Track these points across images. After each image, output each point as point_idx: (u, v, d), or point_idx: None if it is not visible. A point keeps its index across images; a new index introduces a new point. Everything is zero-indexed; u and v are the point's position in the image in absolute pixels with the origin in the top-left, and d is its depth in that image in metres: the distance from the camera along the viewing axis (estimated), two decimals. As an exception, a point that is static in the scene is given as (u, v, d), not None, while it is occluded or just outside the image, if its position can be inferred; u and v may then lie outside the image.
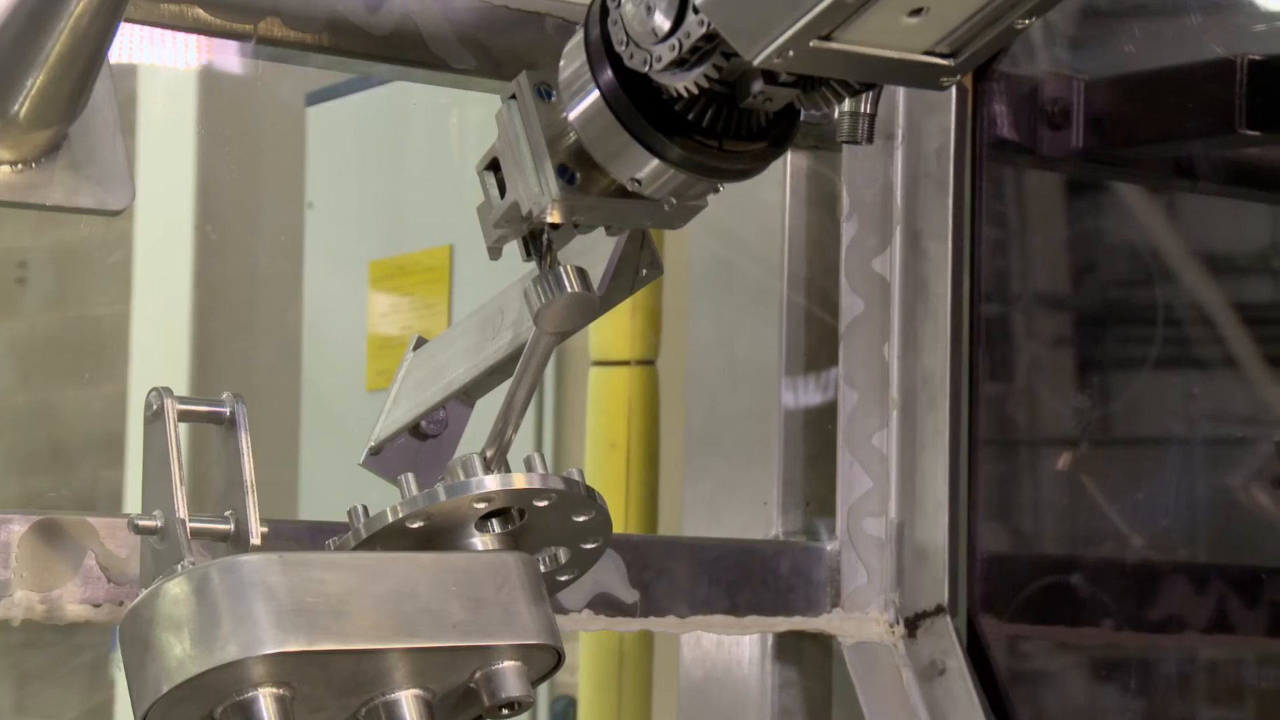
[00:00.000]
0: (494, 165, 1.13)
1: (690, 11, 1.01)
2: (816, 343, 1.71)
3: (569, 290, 1.13)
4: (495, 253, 1.16)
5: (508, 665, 1.14)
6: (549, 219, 1.11)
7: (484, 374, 1.29)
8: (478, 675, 1.14)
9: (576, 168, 1.11)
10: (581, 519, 1.20)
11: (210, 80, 3.29)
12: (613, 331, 2.44)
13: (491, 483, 1.15)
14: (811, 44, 0.96)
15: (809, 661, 1.70)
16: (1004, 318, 1.87)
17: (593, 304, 1.15)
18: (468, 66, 1.44)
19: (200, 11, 1.36)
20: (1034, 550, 1.91)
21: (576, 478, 1.19)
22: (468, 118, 3.19)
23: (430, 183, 3.27)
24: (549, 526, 1.20)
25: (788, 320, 1.71)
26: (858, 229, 1.69)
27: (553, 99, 1.10)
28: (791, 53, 0.96)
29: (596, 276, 1.27)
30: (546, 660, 1.16)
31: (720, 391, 1.76)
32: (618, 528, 1.23)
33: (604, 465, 2.44)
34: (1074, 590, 1.84)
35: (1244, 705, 1.97)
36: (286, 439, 3.43)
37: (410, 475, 1.16)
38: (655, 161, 1.07)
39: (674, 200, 1.11)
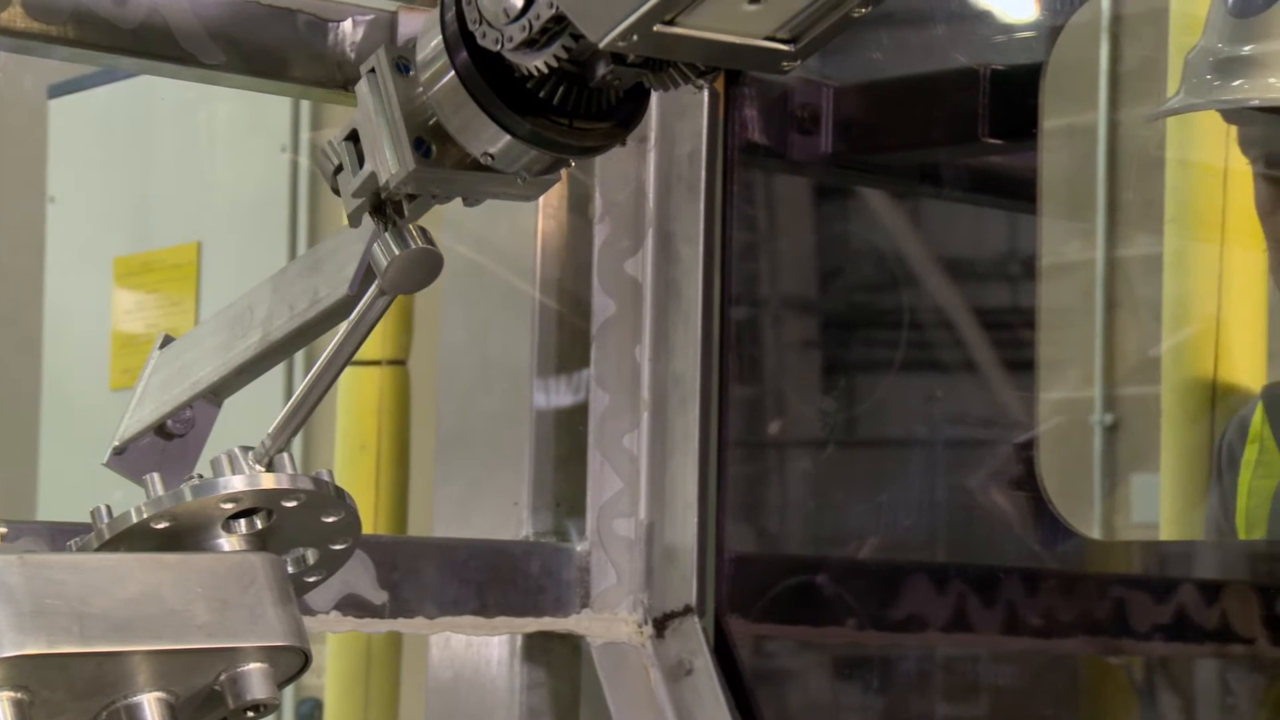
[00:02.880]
0: (353, 136, 1.15)
1: None
2: (568, 344, 1.71)
3: (414, 246, 1.15)
4: (355, 219, 1.17)
5: (253, 667, 1.13)
6: (406, 190, 1.13)
7: (232, 373, 1.28)
8: (223, 677, 1.12)
9: (432, 141, 1.13)
10: (330, 519, 1.19)
11: (-52, 70, 3.21)
12: (363, 331, 2.42)
13: (238, 483, 1.14)
14: (655, 28, 0.99)
15: (557, 662, 1.70)
16: (753, 321, 1.89)
17: (438, 260, 1.17)
18: (217, 62, 1.43)
19: (-61, -1, 1.32)
20: (781, 551, 1.94)
21: (326, 478, 1.18)
22: (216, 113, 3.15)
23: (178, 178, 3.22)
24: (297, 527, 1.19)
25: (539, 322, 1.71)
26: (610, 231, 1.69)
27: (410, 74, 1.13)
28: (636, 36, 0.99)
29: (347, 277, 1.27)
30: (293, 662, 1.15)
31: (472, 392, 1.76)
32: (367, 528, 1.23)
33: (354, 465, 2.43)
34: (819, 590, 1.87)
35: (980, 702, 2.01)
36: (26, 437, 3.36)
37: (156, 475, 1.15)
38: (507, 137, 1.10)
39: (526, 175, 1.14)
